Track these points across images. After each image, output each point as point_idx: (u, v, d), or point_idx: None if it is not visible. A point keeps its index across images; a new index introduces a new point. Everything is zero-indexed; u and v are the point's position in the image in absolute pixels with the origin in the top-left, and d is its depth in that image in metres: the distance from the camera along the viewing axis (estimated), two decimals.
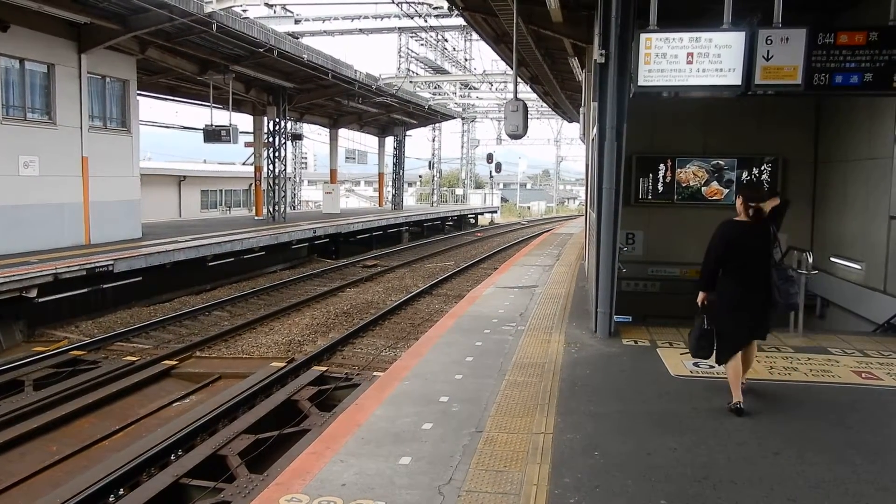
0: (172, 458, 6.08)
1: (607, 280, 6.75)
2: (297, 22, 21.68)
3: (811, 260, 7.27)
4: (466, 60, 32.39)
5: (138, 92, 17.15)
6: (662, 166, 9.80)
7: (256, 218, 25.44)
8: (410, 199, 52.06)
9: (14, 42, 12.86)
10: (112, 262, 12.26)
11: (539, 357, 6.21)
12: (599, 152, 6.75)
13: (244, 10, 15.41)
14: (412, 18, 19.31)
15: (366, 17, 21.92)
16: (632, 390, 5.34)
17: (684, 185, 9.75)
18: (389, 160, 36.47)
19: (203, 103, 22.42)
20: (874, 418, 4.79)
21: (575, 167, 69.23)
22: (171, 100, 23.49)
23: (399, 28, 24.79)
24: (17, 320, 10.75)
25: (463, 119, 44.14)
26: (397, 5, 16.83)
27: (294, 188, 36.94)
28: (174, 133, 29.09)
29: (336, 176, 33.53)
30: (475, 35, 17.67)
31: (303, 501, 3.44)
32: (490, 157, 46.29)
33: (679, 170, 9.75)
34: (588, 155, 11.74)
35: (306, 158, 55.23)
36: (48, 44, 13.60)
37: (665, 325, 7.28)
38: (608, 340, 6.83)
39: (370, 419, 4.60)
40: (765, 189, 5.63)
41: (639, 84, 6.07)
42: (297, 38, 20.46)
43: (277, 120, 23.96)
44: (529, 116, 14.28)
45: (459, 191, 52.51)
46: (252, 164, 26.52)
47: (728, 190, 9.55)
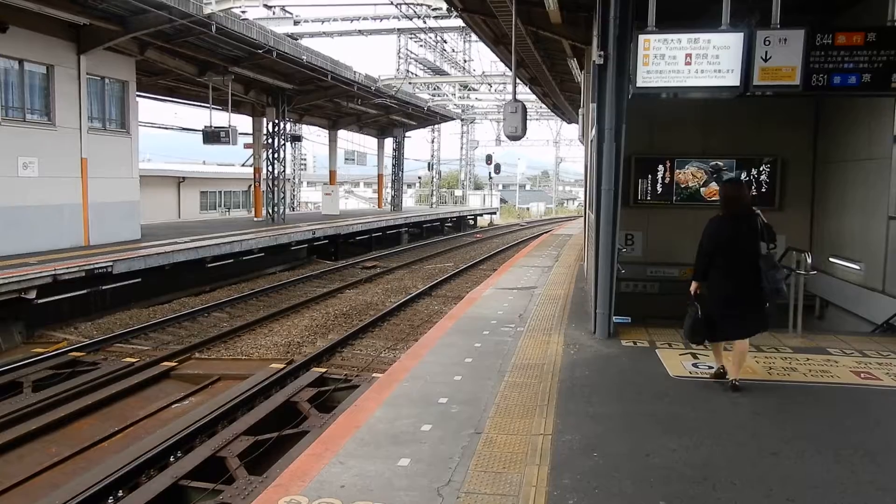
0: (172, 460, 6.08)
1: (606, 281, 6.75)
2: (297, 23, 21.64)
3: (810, 260, 7.27)
4: (465, 62, 32.39)
5: (137, 93, 17.15)
6: (661, 167, 9.81)
7: (256, 219, 25.45)
8: (410, 201, 52.10)
9: (13, 43, 12.87)
10: (111, 264, 12.26)
11: (538, 358, 6.21)
12: (598, 153, 6.75)
13: (243, 12, 15.44)
14: (411, 20, 19.32)
15: (365, 19, 21.88)
16: (631, 391, 5.34)
17: (683, 186, 9.76)
18: (388, 161, 36.47)
19: (202, 104, 22.44)
20: (873, 419, 4.79)
21: (574, 168, 69.29)
22: (171, 101, 23.52)
23: (398, 29, 24.76)
24: (17, 321, 10.75)
25: (462, 120, 44.17)
26: (396, 6, 16.84)
27: (293, 189, 36.97)
28: (173, 134, 29.06)
29: (335, 177, 33.55)
30: (474, 36, 17.67)
31: (302, 503, 3.44)
32: (489, 159, 46.31)
33: (678, 171, 9.77)
34: (587, 156, 11.74)
35: (305, 160, 55.20)
36: (47, 45, 13.61)
37: (664, 326, 7.28)
38: (607, 341, 6.83)
39: (369, 421, 4.60)
40: (744, 186, 5.93)
41: (637, 85, 6.08)
42: (297, 40, 20.44)
43: (277, 121, 24.00)
44: (528, 117, 14.29)
45: (459, 192, 52.52)
46: (251, 166, 26.54)
47: None
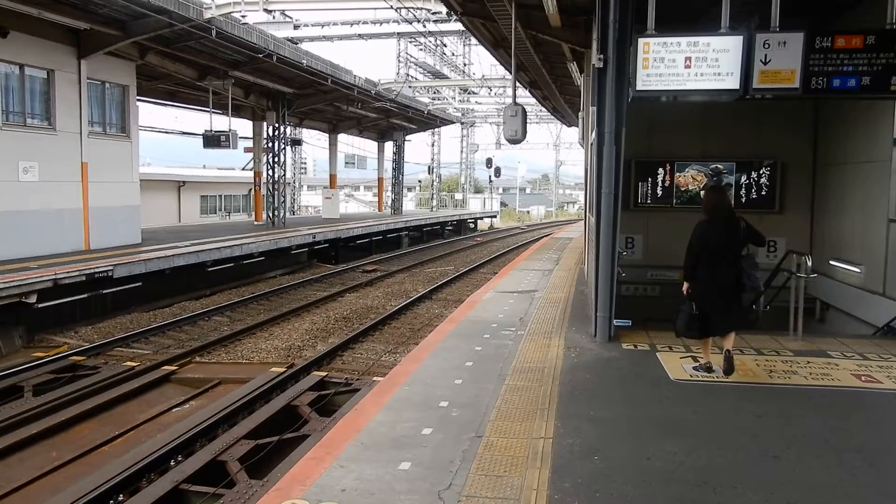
0: (172, 464, 6.07)
1: (607, 284, 6.75)
2: (297, 27, 21.70)
3: (810, 263, 7.27)
4: (465, 65, 32.44)
5: (138, 97, 17.17)
6: (661, 170, 9.82)
7: (256, 223, 25.46)
8: (410, 204, 52.09)
9: (14, 48, 12.90)
10: (112, 268, 12.27)
11: (539, 362, 6.21)
12: (598, 156, 6.76)
13: (243, 16, 15.46)
14: (411, 24, 19.32)
15: (365, 23, 21.95)
16: (632, 394, 5.33)
17: (683, 189, 9.77)
18: (389, 165, 36.50)
19: (203, 108, 22.47)
20: (874, 422, 4.79)
21: (574, 171, 69.27)
22: (171, 105, 23.54)
23: (398, 33, 24.84)
24: (17, 326, 10.75)
25: (462, 124, 44.21)
26: (396, 11, 16.83)
27: (293, 193, 36.98)
28: (174, 138, 29.10)
29: (335, 181, 33.58)
30: (474, 40, 17.67)
31: None
32: (489, 162, 46.36)
33: (678, 174, 9.78)
34: (587, 159, 11.75)
35: (306, 163, 55.20)
36: (48, 49, 13.64)
37: (665, 329, 7.26)
38: (608, 345, 6.83)
39: (370, 424, 4.60)
40: (726, 193, 6.46)
41: (637, 88, 6.09)
42: (297, 44, 20.50)
43: (277, 125, 24.04)
44: (528, 121, 14.29)
45: (459, 195, 52.57)
46: (251, 170, 26.56)
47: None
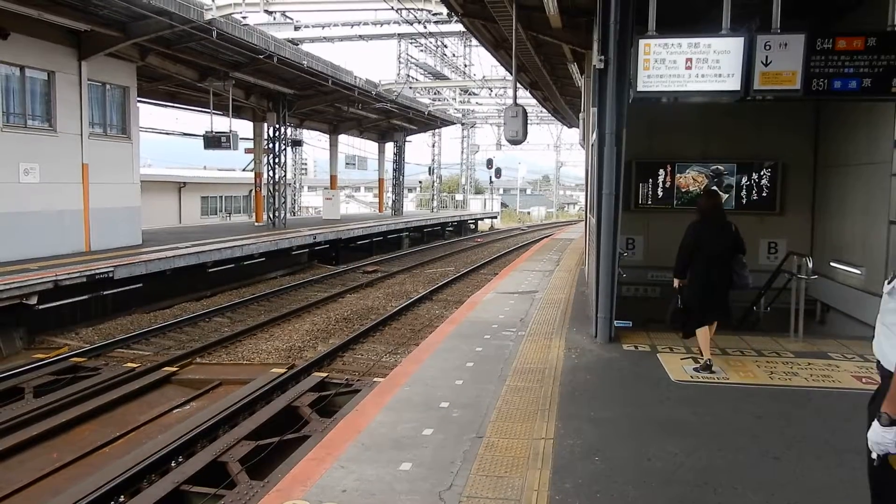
0: (173, 465, 6.07)
1: (607, 285, 6.75)
2: (297, 28, 21.71)
3: (811, 265, 7.27)
4: (466, 66, 32.44)
5: (138, 99, 17.18)
6: (662, 171, 9.82)
7: (256, 224, 25.47)
8: (410, 205, 52.09)
9: (14, 50, 12.90)
10: (112, 269, 12.27)
11: (539, 362, 6.21)
12: (599, 157, 6.76)
13: (244, 17, 15.47)
14: (411, 25, 19.31)
15: (365, 24, 21.95)
16: (632, 395, 5.34)
17: (684, 191, 9.77)
18: (389, 166, 36.51)
19: (203, 110, 22.48)
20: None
21: (575, 172, 69.28)
22: (172, 106, 23.54)
23: (398, 34, 24.85)
24: (18, 327, 10.75)
25: (463, 125, 44.23)
26: (397, 12, 16.83)
27: (294, 194, 36.98)
28: (174, 140, 29.11)
29: (336, 182, 33.58)
30: (474, 41, 17.72)
31: None
32: (490, 163, 46.39)
33: (679, 175, 9.78)
34: (588, 160, 11.75)
35: (306, 164, 55.15)
36: (48, 51, 13.64)
37: (666, 330, 7.27)
38: (608, 346, 6.83)
39: (371, 425, 4.60)
40: (719, 196, 6.74)
41: (638, 89, 6.09)
42: (297, 45, 20.52)
43: (277, 126, 24.05)
44: (529, 122, 14.29)
45: (459, 196, 52.55)
46: (252, 171, 26.59)
47: (728, 195, 9.58)
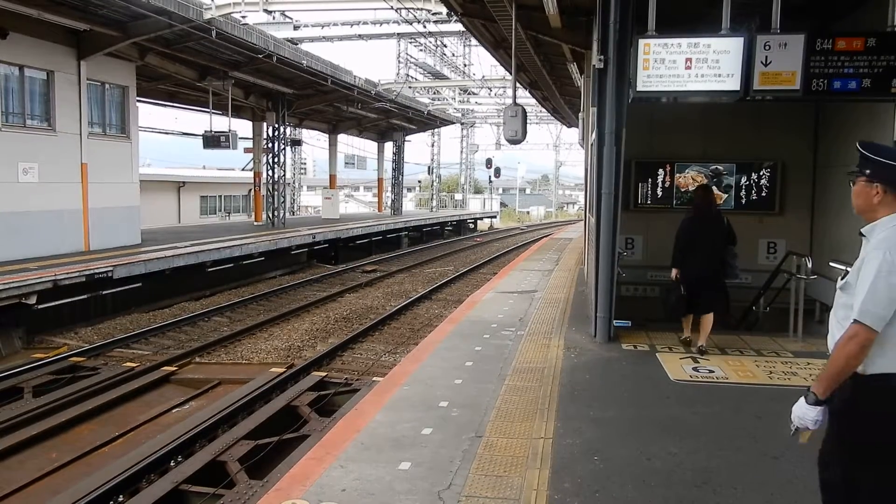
0: (172, 465, 6.06)
1: (607, 285, 6.76)
2: (296, 28, 21.67)
3: (810, 265, 7.27)
4: (465, 66, 32.46)
5: (138, 98, 17.17)
6: (661, 171, 9.81)
7: (256, 223, 25.46)
8: (410, 205, 52.10)
9: (13, 49, 12.89)
10: (111, 269, 12.26)
11: (539, 362, 6.21)
12: (598, 157, 6.76)
13: (243, 17, 15.46)
14: (411, 24, 19.31)
15: (365, 23, 21.93)
16: (632, 395, 5.34)
17: (683, 190, 9.76)
18: (388, 165, 36.49)
19: (202, 109, 22.46)
20: None
21: (574, 172, 69.26)
22: (171, 106, 23.53)
23: (398, 34, 24.82)
24: (17, 327, 10.75)
25: (462, 124, 44.21)
26: (396, 11, 16.83)
27: (293, 193, 36.96)
28: (173, 139, 29.13)
29: (335, 181, 33.57)
30: (474, 41, 17.68)
31: None
32: (489, 163, 46.37)
33: (678, 175, 9.77)
34: (587, 160, 11.75)
35: (305, 164, 55.18)
36: (47, 51, 13.63)
37: (665, 330, 7.28)
38: (608, 345, 6.83)
39: (370, 424, 4.60)
40: (712, 192, 7.47)
41: (637, 89, 6.09)
42: (296, 45, 20.49)
43: (277, 125, 24.04)
44: (528, 121, 14.27)
45: (459, 196, 52.55)
46: (251, 170, 26.56)
47: (727, 195, 9.58)
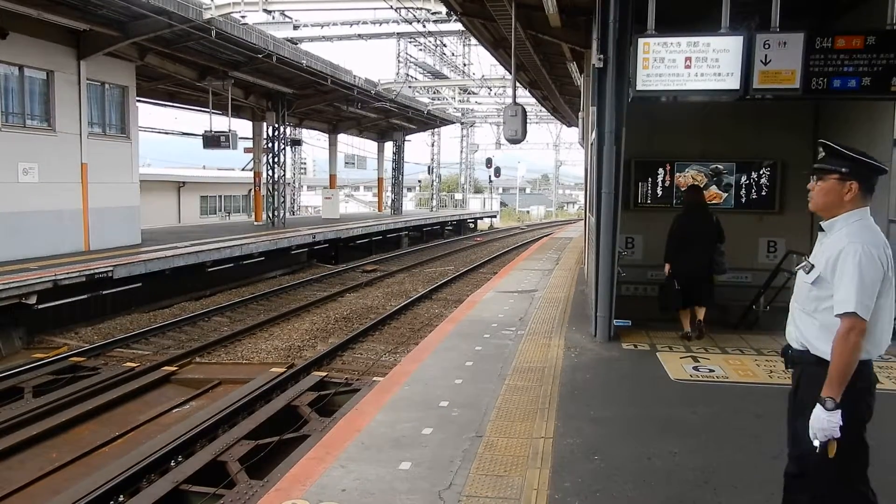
0: (172, 465, 6.07)
1: (607, 284, 6.76)
2: (296, 28, 21.65)
3: None
4: (465, 65, 32.43)
5: (137, 98, 17.17)
6: (661, 170, 9.80)
7: (256, 223, 25.46)
8: (410, 204, 52.11)
9: (13, 49, 12.88)
10: (111, 269, 12.26)
11: (539, 361, 6.21)
12: (598, 157, 6.76)
13: (243, 17, 15.47)
14: (411, 24, 19.31)
15: (364, 23, 21.95)
16: (632, 394, 5.34)
17: (683, 190, 9.75)
18: (388, 165, 36.49)
19: (202, 109, 22.46)
20: (873, 422, 4.77)
21: (574, 171, 69.21)
22: (171, 106, 23.53)
23: (398, 33, 24.83)
24: (17, 327, 10.75)
25: (462, 124, 44.20)
26: (396, 11, 16.83)
27: (293, 193, 36.96)
28: (173, 139, 29.11)
29: (335, 181, 33.57)
30: (474, 40, 17.69)
31: None
32: (489, 162, 46.34)
33: (678, 174, 9.76)
34: (587, 159, 11.75)
35: (305, 164, 55.15)
36: (47, 51, 13.63)
37: (665, 329, 7.28)
38: (608, 344, 6.83)
39: (370, 424, 4.60)
40: (702, 192, 8.01)
41: (637, 88, 6.09)
42: (296, 44, 20.48)
43: (276, 125, 24.05)
44: (528, 121, 14.27)
45: (459, 195, 52.56)
46: (251, 170, 26.56)
47: (727, 194, 9.57)
